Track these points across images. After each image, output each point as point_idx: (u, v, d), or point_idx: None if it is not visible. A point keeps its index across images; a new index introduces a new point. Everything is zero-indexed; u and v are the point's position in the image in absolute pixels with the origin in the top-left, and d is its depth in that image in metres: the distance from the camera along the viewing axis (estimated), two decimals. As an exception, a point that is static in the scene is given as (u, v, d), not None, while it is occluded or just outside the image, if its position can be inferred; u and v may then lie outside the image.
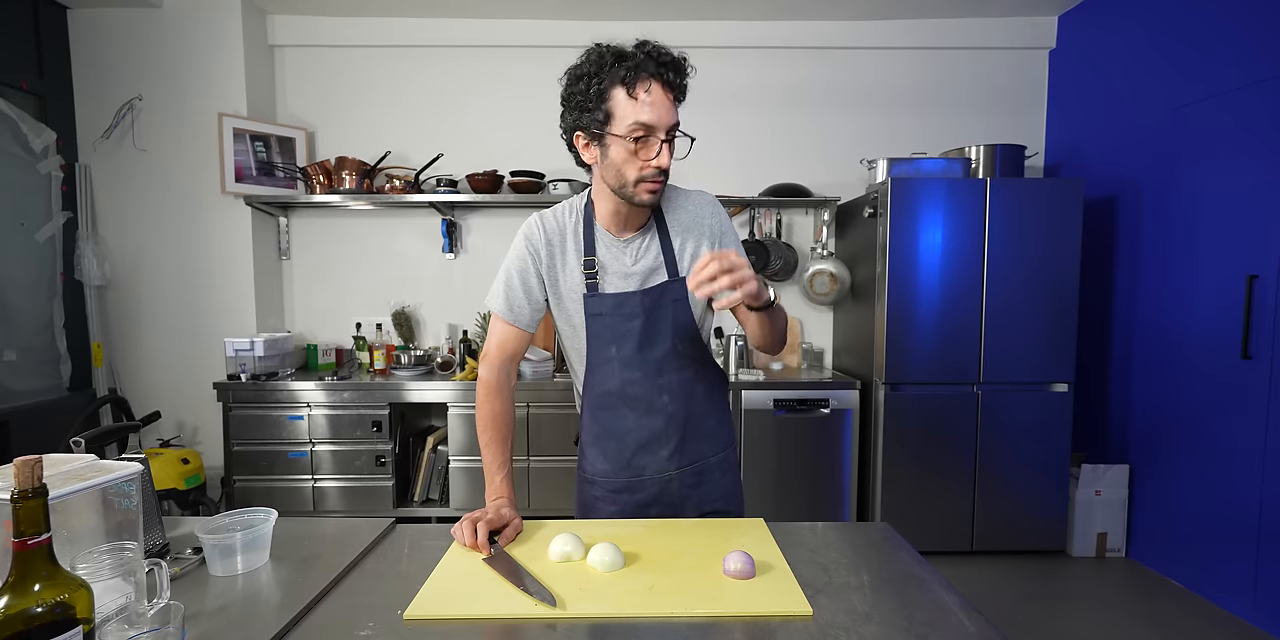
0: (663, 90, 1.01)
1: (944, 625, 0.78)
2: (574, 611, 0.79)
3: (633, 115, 0.99)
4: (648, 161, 1.02)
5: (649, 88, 0.99)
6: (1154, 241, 2.66)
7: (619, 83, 0.99)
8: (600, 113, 1.01)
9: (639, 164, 1.02)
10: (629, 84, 0.99)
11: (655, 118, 0.99)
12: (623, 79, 0.99)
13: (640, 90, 0.99)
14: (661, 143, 1.01)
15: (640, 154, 1.01)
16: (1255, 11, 2.24)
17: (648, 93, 0.99)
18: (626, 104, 1.00)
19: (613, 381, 1.16)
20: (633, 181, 1.04)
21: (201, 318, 3.02)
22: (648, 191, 1.05)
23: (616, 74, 0.99)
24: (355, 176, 3.03)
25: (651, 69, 0.99)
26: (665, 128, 1.01)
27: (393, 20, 3.18)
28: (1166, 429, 2.58)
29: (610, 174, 1.06)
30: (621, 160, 1.03)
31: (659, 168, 1.02)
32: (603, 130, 1.02)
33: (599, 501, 1.21)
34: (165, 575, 0.74)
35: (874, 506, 2.77)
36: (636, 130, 1.00)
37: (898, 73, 3.30)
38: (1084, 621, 2.25)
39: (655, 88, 1.00)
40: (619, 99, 1.00)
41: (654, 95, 1.00)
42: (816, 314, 3.38)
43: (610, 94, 1.00)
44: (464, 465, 2.83)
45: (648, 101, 0.99)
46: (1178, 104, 2.53)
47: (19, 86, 2.67)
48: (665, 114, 1.01)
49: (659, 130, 1.00)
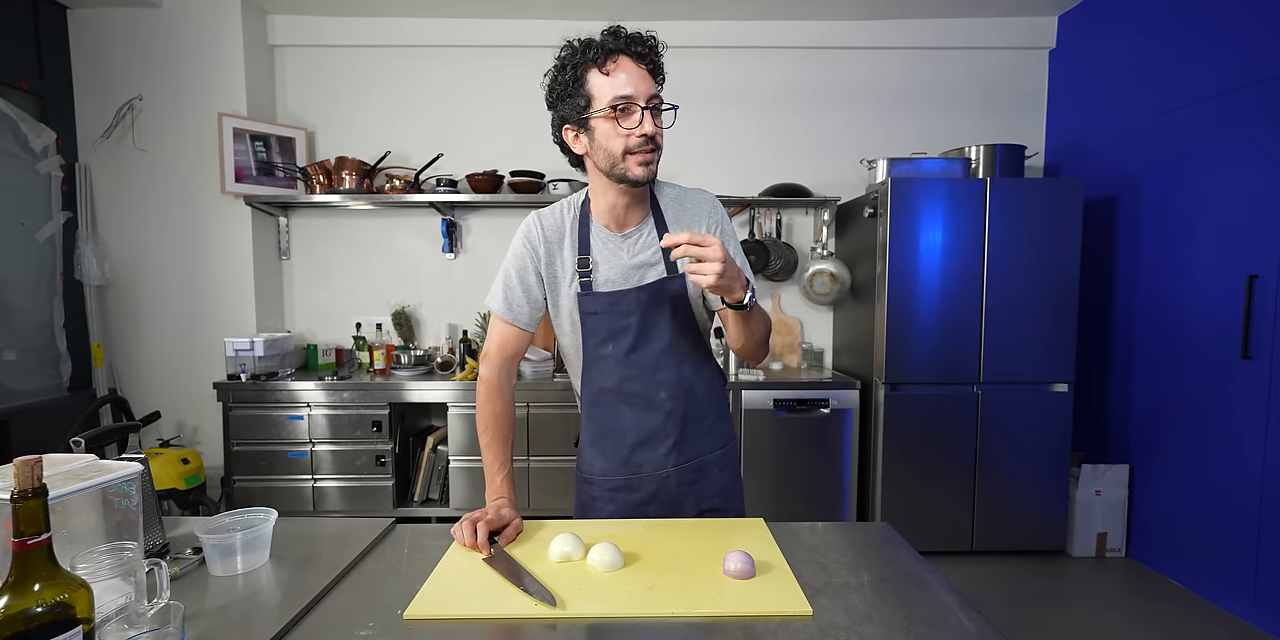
0: (633, 62, 1.04)
1: (944, 625, 0.78)
2: (574, 611, 0.79)
3: (610, 90, 1.03)
4: (631, 131, 1.03)
5: (618, 61, 1.03)
6: (1154, 241, 2.66)
7: (591, 64, 1.04)
8: (581, 98, 1.05)
9: (624, 134, 1.04)
10: (600, 63, 1.03)
11: (632, 88, 1.02)
12: (593, 59, 1.03)
13: (611, 65, 1.03)
14: (643, 110, 1.03)
15: (623, 124, 1.03)
16: (1255, 12, 2.24)
17: (618, 67, 1.03)
18: (602, 81, 1.03)
19: (610, 378, 1.17)
20: (621, 155, 1.05)
21: (201, 318, 3.02)
22: (639, 164, 1.05)
23: (587, 57, 1.04)
24: (355, 176, 3.03)
25: (618, 45, 1.04)
26: (644, 97, 1.03)
27: (393, 20, 3.18)
28: (1167, 429, 2.58)
29: (601, 156, 1.07)
30: (607, 137, 1.05)
31: (644, 135, 1.03)
32: (586, 114, 1.05)
33: (597, 501, 1.20)
34: (165, 575, 0.74)
35: (874, 506, 2.77)
36: (616, 102, 1.02)
37: (897, 73, 3.29)
38: (1084, 621, 2.25)
39: (624, 60, 1.04)
40: (594, 79, 1.04)
41: (624, 67, 1.03)
42: (816, 314, 3.38)
43: (586, 78, 1.04)
44: (464, 465, 2.83)
45: (621, 76, 1.03)
46: (1177, 104, 2.53)
47: (19, 86, 2.67)
48: (640, 83, 1.03)
49: (638, 99, 1.03)
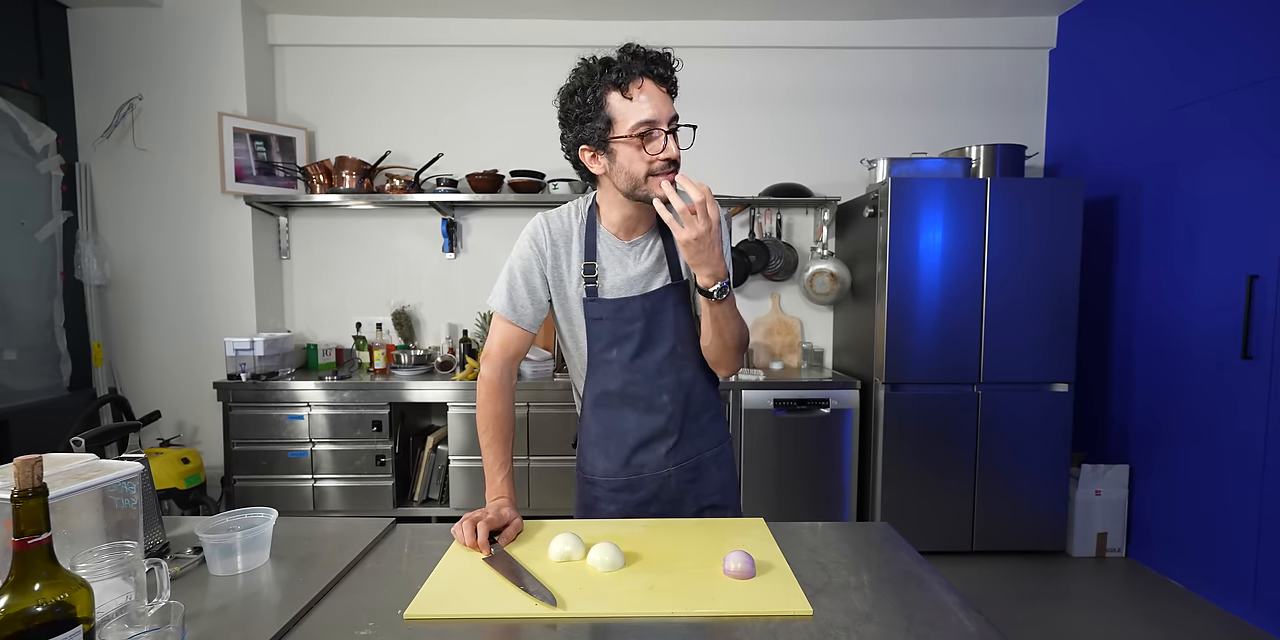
0: (655, 85, 1.04)
1: (944, 625, 0.78)
2: (574, 611, 0.79)
3: (633, 115, 1.02)
4: (656, 155, 1.04)
5: (642, 85, 1.03)
6: (1154, 241, 2.66)
7: (612, 87, 1.03)
8: (601, 121, 1.04)
9: (648, 159, 1.04)
10: (622, 86, 1.02)
11: (655, 112, 1.02)
12: (615, 82, 1.02)
13: (634, 89, 1.02)
14: (665, 135, 1.04)
15: (648, 149, 1.04)
16: (1255, 12, 2.24)
17: (641, 90, 1.03)
18: (624, 105, 1.03)
19: (614, 382, 1.17)
20: (644, 177, 1.05)
21: (201, 317, 3.02)
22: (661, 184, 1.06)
23: (608, 79, 1.03)
24: (355, 176, 3.03)
25: (640, 68, 1.03)
26: (666, 120, 1.04)
27: (393, 20, 3.18)
28: (1166, 429, 2.58)
29: (622, 178, 1.07)
30: (630, 160, 1.05)
31: (668, 159, 1.04)
32: (607, 137, 1.04)
33: (599, 501, 1.21)
34: (165, 575, 0.74)
35: (874, 506, 2.77)
36: (640, 128, 1.02)
37: (898, 72, 3.29)
38: (1084, 621, 2.26)
39: (648, 84, 1.03)
40: (615, 103, 1.03)
41: (648, 91, 1.03)
42: (816, 314, 3.38)
43: (606, 100, 1.03)
44: (464, 465, 2.83)
45: (644, 98, 1.02)
46: (1177, 104, 2.53)
47: (19, 86, 2.67)
48: (663, 107, 1.04)
49: (660, 123, 1.03)
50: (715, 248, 0.99)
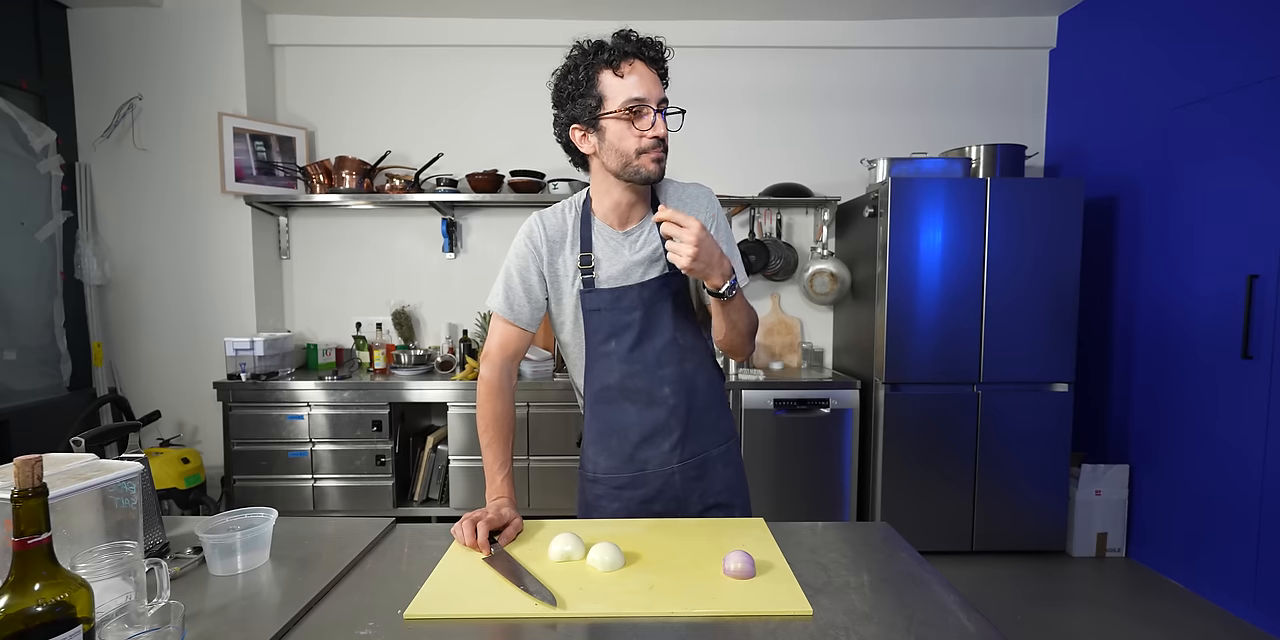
0: (646, 67, 1.08)
1: (944, 625, 0.78)
2: (574, 611, 0.79)
3: (623, 92, 1.05)
4: (645, 132, 1.06)
5: (633, 65, 1.06)
6: (1154, 241, 2.66)
7: (604, 66, 1.06)
8: (592, 98, 1.07)
9: (637, 135, 1.06)
10: (613, 65, 1.06)
11: (645, 91, 1.06)
12: (607, 61, 1.06)
13: (625, 67, 1.06)
14: (655, 113, 1.07)
15: (637, 125, 1.06)
16: (1255, 11, 2.24)
17: (632, 70, 1.06)
18: (615, 83, 1.06)
19: (613, 375, 1.17)
20: (634, 154, 1.07)
21: (201, 317, 3.02)
22: (652, 161, 1.08)
23: (600, 59, 1.06)
24: (355, 176, 3.03)
25: (632, 49, 1.07)
26: (655, 100, 1.07)
27: (393, 20, 3.18)
28: (1166, 429, 2.58)
29: (611, 156, 1.09)
30: (620, 137, 1.07)
31: (656, 137, 1.07)
32: (597, 114, 1.07)
33: (601, 499, 1.20)
34: (165, 575, 0.74)
35: (874, 506, 2.77)
36: (630, 104, 1.05)
37: (898, 72, 3.29)
38: (1084, 621, 2.26)
39: (639, 65, 1.07)
40: (607, 81, 1.06)
41: (639, 71, 1.06)
42: (816, 314, 3.38)
43: (598, 79, 1.06)
44: (464, 465, 2.83)
45: (634, 78, 1.06)
46: (1178, 104, 2.53)
47: (19, 86, 2.67)
48: (653, 87, 1.07)
49: (650, 101, 1.06)
50: (715, 263, 0.98)
